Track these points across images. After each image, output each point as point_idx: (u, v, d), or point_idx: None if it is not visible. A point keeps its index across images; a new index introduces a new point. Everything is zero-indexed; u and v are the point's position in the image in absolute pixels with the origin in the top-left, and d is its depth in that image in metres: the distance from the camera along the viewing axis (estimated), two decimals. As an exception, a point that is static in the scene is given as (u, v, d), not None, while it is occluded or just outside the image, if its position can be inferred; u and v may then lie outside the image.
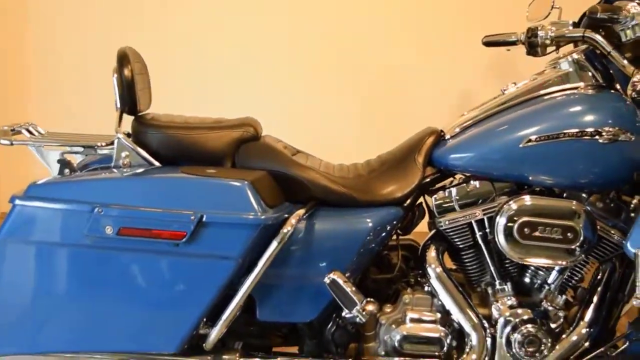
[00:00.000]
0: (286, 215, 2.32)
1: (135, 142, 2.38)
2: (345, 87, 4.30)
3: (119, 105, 2.36)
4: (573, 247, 2.32)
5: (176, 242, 2.21)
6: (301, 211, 2.32)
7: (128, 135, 2.42)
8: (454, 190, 2.43)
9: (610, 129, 2.27)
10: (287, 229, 2.27)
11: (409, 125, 2.64)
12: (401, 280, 2.55)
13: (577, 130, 2.29)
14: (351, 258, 2.37)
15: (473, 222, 2.43)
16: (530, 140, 2.31)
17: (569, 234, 2.32)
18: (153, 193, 2.25)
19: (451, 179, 2.52)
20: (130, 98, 2.37)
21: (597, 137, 2.27)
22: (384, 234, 2.39)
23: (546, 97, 2.41)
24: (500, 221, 2.33)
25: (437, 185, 2.51)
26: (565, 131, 2.29)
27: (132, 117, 2.44)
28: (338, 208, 2.42)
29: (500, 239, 2.33)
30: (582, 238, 2.31)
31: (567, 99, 2.37)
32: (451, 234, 2.44)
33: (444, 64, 4.25)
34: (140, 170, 2.29)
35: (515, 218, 2.32)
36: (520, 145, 2.32)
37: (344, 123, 4.31)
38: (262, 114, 2.57)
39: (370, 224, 2.38)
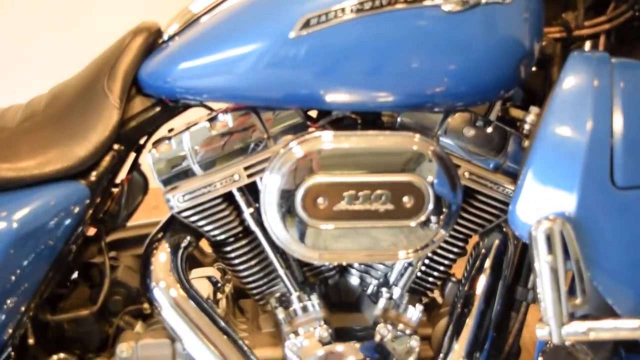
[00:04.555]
0: None
1: None
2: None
3: None
4: (418, 221, 1.21)
5: None
6: None
7: None
8: (186, 138, 1.23)
9: None
10: None
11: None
12: (125, 309, 1.32)
13: None
14: None
15: (234, 191, 1.22)
16: (307, 24, 1.08)
17: (405, 199, 1.20)
18: None
19: (187, 114, 1.27)
20: None
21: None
22: (51, 242, 1.22)
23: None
24: (269, 185, 1.16)
25: (158, 134, 1.27)
26: None
27: None
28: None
29: (272, 220, 1.20)
30: (431, 204, 1.23)
31: None
32: (196, 218, 1.24)
33: None
34: None
35: (299, 178, 1.16)
36: (291, 35, 1.11)
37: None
38: None
39: (13, 226, 1.14)
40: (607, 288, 1.06)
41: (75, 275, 1.43)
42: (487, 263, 1.36)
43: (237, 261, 1.34)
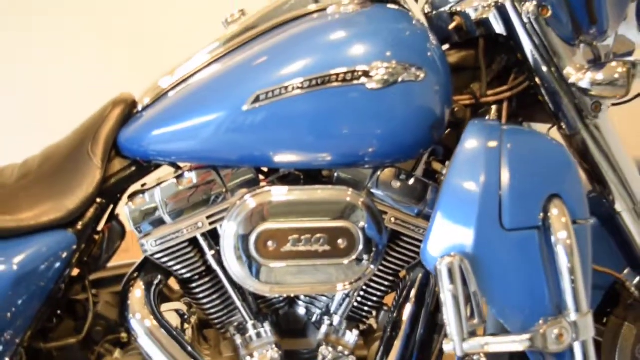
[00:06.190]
0: None
1: None
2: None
3: None
4: (351, 260, 1.49)
5: None
6: None
7: None
8: (157, 192, 1.49)
9: (385, 65, 1.39)
10: None
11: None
12: (105, 338, 1.56)
13: (332, 72, 1.38)
14: None
15: (199, 237, 1.48)
16: (258, 99, 1.35)
17: (340, 241, 1.47)
18: None
19: (158, 172, 1.53)
20: None
21: (363, 79, 1.32)
22: (43, 282, 1.48)
23: (284, 27, 1.50)
24: (227, 231, 1.44)
25: (134, 188, 1.53)
26: (312, 77, 1.38)
27: None
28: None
29: (230, 260, 1.47)
30: (362, 245, 1.49)
31: (314, 26, 1.48)
32: (166, 260, 1.49)
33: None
34: None
35: (252, 225, 1.44)
36: (244, 108, 1.38)
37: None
38: None
39: (13, 269, 1.41)
40: (499, 310, 1.33)
41: (59, 311, 1.66)
42: (413, 293, 1.60)
43: (201, 296, 1.59)
